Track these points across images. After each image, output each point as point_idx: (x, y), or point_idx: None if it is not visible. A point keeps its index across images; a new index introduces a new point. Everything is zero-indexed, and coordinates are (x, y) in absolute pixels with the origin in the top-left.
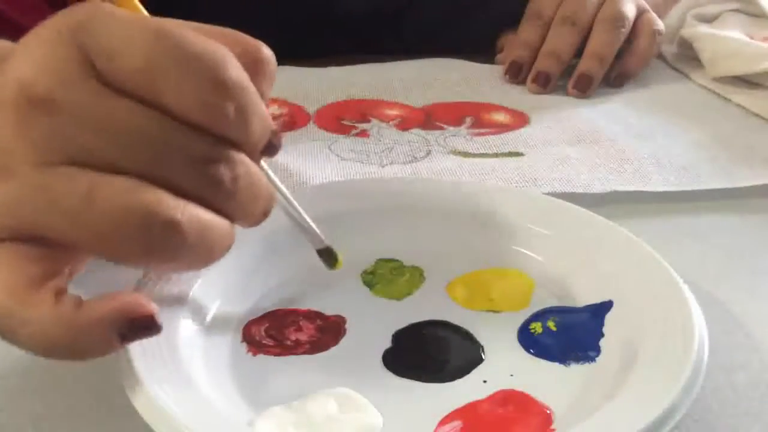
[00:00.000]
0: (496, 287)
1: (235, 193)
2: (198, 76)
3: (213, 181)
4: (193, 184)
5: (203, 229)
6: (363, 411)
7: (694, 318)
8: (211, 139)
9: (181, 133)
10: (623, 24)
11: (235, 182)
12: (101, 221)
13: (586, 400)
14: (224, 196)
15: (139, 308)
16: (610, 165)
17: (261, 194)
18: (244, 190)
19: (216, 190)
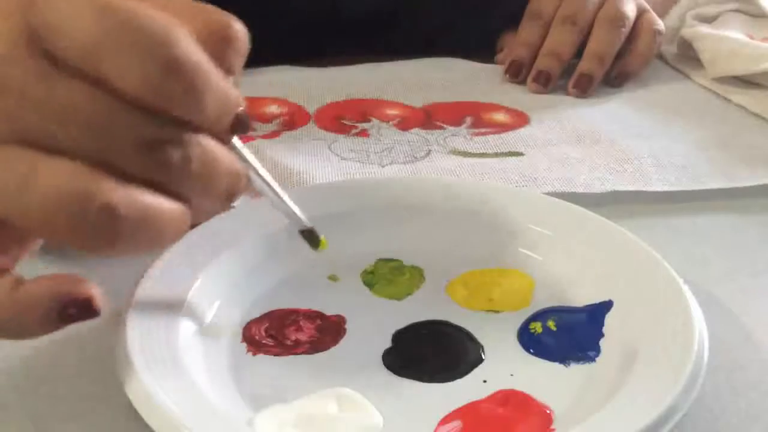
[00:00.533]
0: (496, 287)
1: (187, 175)
2: (143, 53)
3: (160, 164)
4: (140, 167)
5: (146, 214)
6: (363, 411)
7: (694, 318)
8: (161, 119)
9: (127, 114)
10: (623, 24)
11: (187, 163)
12: (38, 203)
13: (586, 400)
14: (175, 179)
15: (77, 290)
16: (610, 165)
17: (220, 174)
18: (199, 171)
19: (164, 173)
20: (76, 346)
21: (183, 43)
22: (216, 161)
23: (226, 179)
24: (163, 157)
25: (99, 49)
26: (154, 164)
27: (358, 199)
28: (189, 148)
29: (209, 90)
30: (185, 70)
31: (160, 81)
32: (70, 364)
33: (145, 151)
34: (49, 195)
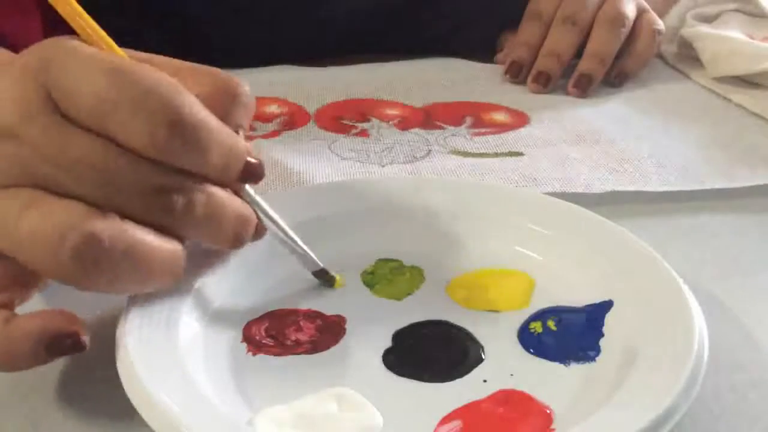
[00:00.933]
0: (496, 287)
1: (190, 221)
2: (147, 112)
3: (164, 209)
4: (143, 211)
5: (133, 248)
6: (363, 411)
7: (694, 318)
8: (166, 169)
9: (134, 164)
10: (623, 24)
11: (190, 209)
12: (25, 234)
13: (586, 399)
14: (177, 224)
15: (64, 325)
16: (610, 165)
17: (227, 219)
18: (204, 217)
19: (167, 218)
20: None
21: (187, 103)
22: (223, 207)
23: (233, 224)
24: (166, 203)
25: (106, 108)
26: (158, 209)
27: (358, 199)
28: (193, 195)
29: (213, 145)
30: (189, 129)
31: (165, 139)
32: (70, 364)
33: (150, 198)
34: (35, 224)
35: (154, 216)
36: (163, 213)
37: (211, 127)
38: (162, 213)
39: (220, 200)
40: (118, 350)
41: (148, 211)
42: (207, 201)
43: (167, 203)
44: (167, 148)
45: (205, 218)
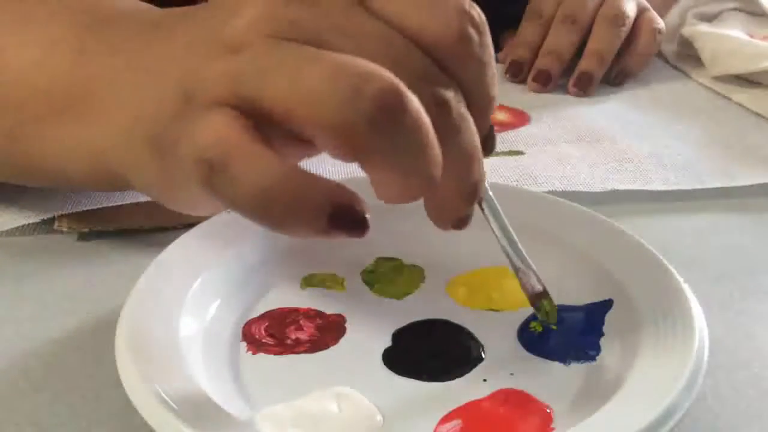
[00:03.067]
0: (496, 286)
1: (457, 131)
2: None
3: (441, 102)
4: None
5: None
6: (363, 410)
7: (694, 317)
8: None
9: (420, 53)
10: (624, 23)
11: (461, 120)
12: (319, 79)
13: (586, 399)
14: (447, 127)
15: (355, 202)
16: (611, 164)
17: (478, 159)
18: (466, 138)
19: (441, 116)
20: (76, 346)
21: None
22: (477, 143)
23: (477, 170)
24: (443, 96)
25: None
26: (434, 101)
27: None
28: (465, 108)
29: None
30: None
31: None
32: (70, 364)
33: (430, 86)
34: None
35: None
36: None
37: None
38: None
39: (477, 134)
40: (118, 349)
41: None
42: (471, 125)
43: (446, 99)
44: (468, 41)
45: (467, 140)
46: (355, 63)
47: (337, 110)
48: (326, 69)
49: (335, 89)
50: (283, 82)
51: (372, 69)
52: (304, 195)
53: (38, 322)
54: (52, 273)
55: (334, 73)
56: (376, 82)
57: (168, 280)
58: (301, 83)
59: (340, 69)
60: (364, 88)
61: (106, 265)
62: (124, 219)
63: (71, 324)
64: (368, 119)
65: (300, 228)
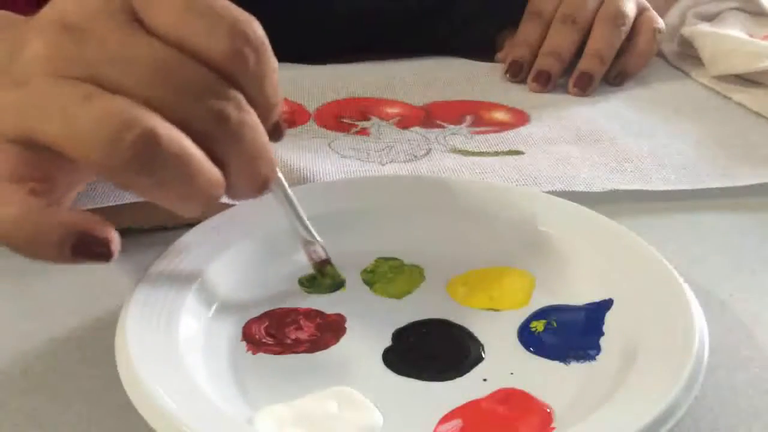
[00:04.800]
0: (496, 286)
1: (239, 139)
2: (226, 26)
3: (219, 116)
4: (200, 115)
5: (185, 155)
6: (363, 409)
7: (694, 316)
8: (227, 84)
9: (197, 68)
10: (623, 22)
11: (242, 127)
12: (86, 122)
13: (586, 398)
14: (228, 137)
15: (98, 229)
16: (611, 164)
17: (265, 155)
18: (249, 142)
19: (221, 127)
20: (76, 346)
21: (258, 26)
22: (263, 141)
23: (266, 163)
24: (222, 109)
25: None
26: (213, 115)
27: (357, 197)
28: (245, 114)
29: (271, 75)
30: (262, 48)
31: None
32: (70, 364)
33: (208, 101)
34: (96, 115)
35: (208, 124)
36: (216, 121)
37: (271, 57)
38: (215, 121)
39: (263, 133)
40: (118, 349)
41: (204, 118)
42: (255, 127)
43: (223, 110)
44: (240, 58)
45: (249, 144)
46: (120, 108)
47: (101, 153)
48: (93, 113)
49: (99, 134)
50: (57, 122)
51: (133, 114)
52: (42, 230)
53: (38, 322)
54: (52, 273)
55: (99, 118)
56: (134, 129)
57: (168, 280)
58: (70, 124)
59: (105, 114)
60: (124, 135)
61: (106, 265)
62: (124, 219)
63: (71, 324)
64: (126, 164)
65: (47, 257)
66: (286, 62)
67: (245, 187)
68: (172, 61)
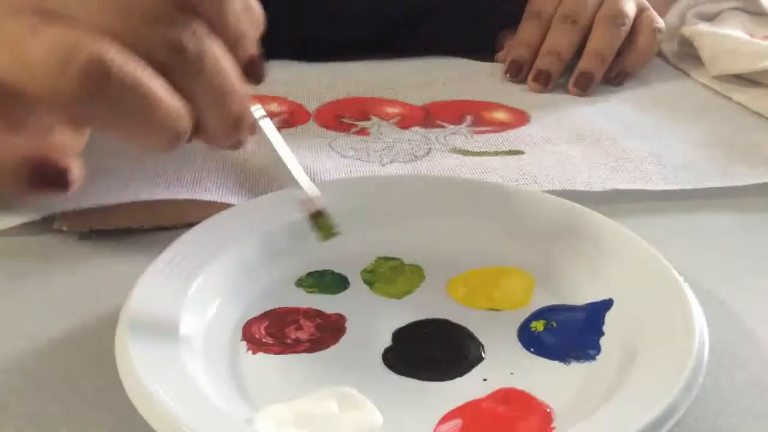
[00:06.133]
0: (496, 286)
1: (200, 70)
2: None
3: (174, 44)
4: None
5: (139, 84)
6: (363, 409)
7: (694, 316)
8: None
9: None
10: (623, 22)
11: (201, 57)
12: (34, 52)
13: (586, 398)
14: (188, 68)
15: (56, 158)
16: (611, 163)
17: (234, 90)
18: (212, 74)
19: (177, 57)
20: (75, 346)
21: None
22: (230, 78)
23: (236, 102)
24: (177, 37)
25: None
26: (168, 44)
27: (358, 197)
28: (206, 44)
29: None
30: None
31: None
32: (70, 364)
33: (162, 31)
34: (42, 44)
35: (164, 53)
36: (172, 51)
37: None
38: (172, 50)
39: (228, 69)
40: (118, 349)
41: (159, 49)
42: (218, 59)
43: (178, 39)
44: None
45: (212, 78)
46: (65, 34)
47: (49, 82)
48: (42, 42)
49: (46, 63)
50: (5, 56)
51: (79, 39)
52: None
53: (38, 322)
54: (52, 273)
55: (48, 47)
56: (82, 52)
57: (168, 280)
58: (19, 56)
59: (52, 41)
60: (72, 59)
61: (106, 265)
62: (125, 219)
63: (71, 324)
64: (75, 90)
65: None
66: (287, 61)
67: (216, 127)
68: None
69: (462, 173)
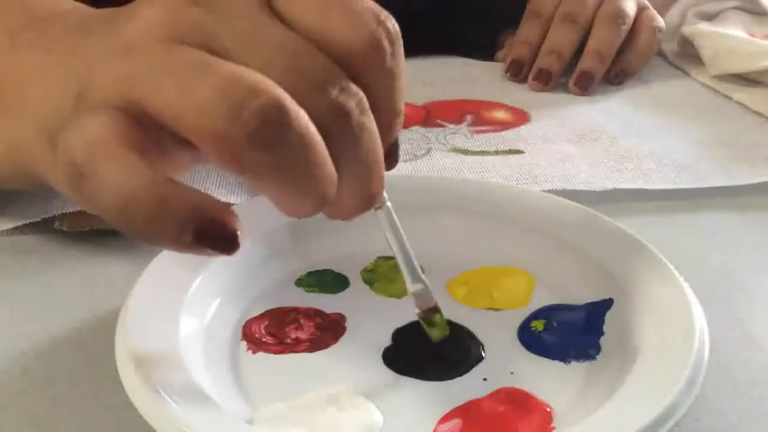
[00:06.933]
0: (496, 285)
1: (356, 142)
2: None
3: (340, 110)
4: (321, 106)
5: (310, 137)
6: (363, 409)
7: (694, 316)
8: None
9: (325, 61)
10: (624, 21)
11: (361, 129)
12: (204, 89)
13: (586, 398)
14: (346, 137)
15: (225, 216)
16: (611, 163)
17: (377, 170)
18: (365, 149)
19: (340, 123)
20: (76, 346)
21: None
22: (378, 154)
23: (377, 180)
24: (345, 103)
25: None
26: (334, 108)
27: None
28: (367, 119)
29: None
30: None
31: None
32: (70, 364)
33: (330, 92)
34: (216, 81)
35: (328, 119)
36: (337, 115)
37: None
38: (336, 115)
39: (378, 143)
40: (118, 349)
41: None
42: (373, 135)
43: (345, 105)
44: (380, 49)
45: (366, 152)
46: (246, 76)
47: (220, 123)
48: (216, 80)
49: (221, 102)
50: (172, 89)
51: (261, 83)
52: (168, 205)
53: (38, 322)
54: (52, 273)
55: (223, 86)
56: (261, 97)
57: (168, 279)
58: (189, 92)
59: (229, 81)
60: (249, 102)
61: (106, 265)
62: None
63: (71, 324)
64: (248, 134)
65: (164, 240)
66: None
67: (350, 201)
68: (301, 49)
69: (462, 173)
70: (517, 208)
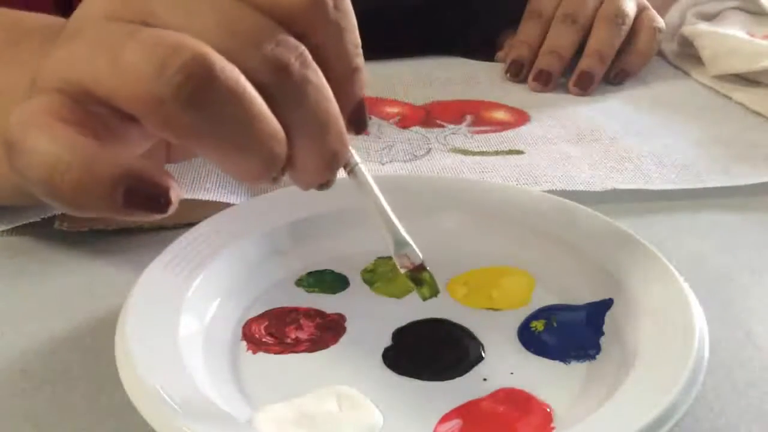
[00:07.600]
0: (496, 285)
1: (302, 98)
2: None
3: (278, 64)
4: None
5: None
6: (363, 409)
7: (694, 316)
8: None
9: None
10: (624, 21)
11: (305, 83)
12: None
13: (586, 398)
14: (289, 93)
15: (157, 175)
16: (611, 163)
17: (334, 126)
18: (314, 104)
19: (280, 78)
20: (75, 346)
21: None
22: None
23: (334, 138)
24: (283, 58)
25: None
26: (273, 64)
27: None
28: (311, 72)
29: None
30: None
31: None
32: (70, 364)
33: (266, 47)
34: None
35: (268, 73)
36: (276, 71)
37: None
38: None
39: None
40: (118, 349)
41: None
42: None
43: (284, 59)
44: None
45: (314, 107)
46: (168, 36)
47: (147, 85)
48: (139, 44)
49: (146, 64)
50: (103, 63)
51: (183, 40)
52: (95, 168)
53: (38, 321)
54: (52, 273)
55: (146, 48)
56: (183, 53)
57: (168, 280)
58: (117, 61)
59: (152, 43)
60: (172, 60)
61: (106, 265)
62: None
63: (71, 324)
64: (175, 92)
65: (95, 204)
66: None
67: (309, 163)
68: (234, 9)
69: (462, 173)
70: (517, 208)
